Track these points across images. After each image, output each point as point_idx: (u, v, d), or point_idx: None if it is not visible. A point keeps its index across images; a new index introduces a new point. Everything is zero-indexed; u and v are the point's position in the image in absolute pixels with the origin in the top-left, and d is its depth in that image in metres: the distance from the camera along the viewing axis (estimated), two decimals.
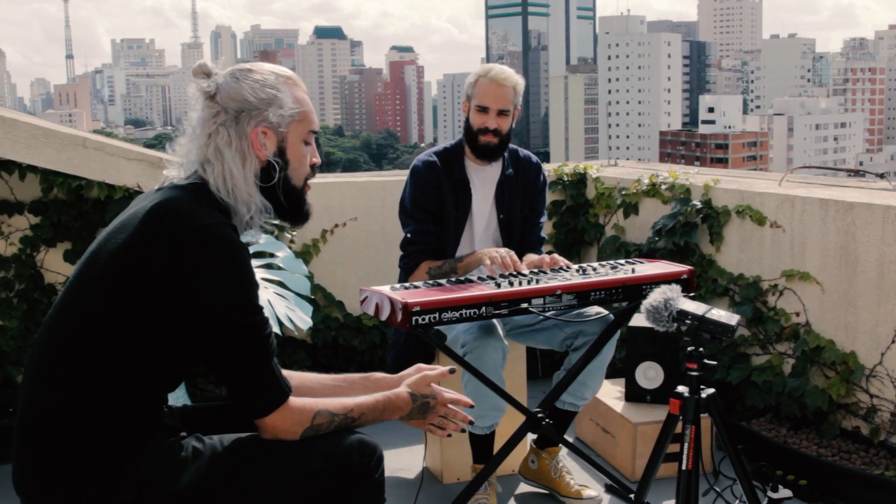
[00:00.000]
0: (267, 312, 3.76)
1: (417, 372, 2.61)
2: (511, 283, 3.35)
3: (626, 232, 5.45)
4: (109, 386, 2.18)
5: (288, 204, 2.41)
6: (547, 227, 5.79)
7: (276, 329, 3.77)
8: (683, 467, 2.63)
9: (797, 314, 4.41)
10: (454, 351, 3.58)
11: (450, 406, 2.57)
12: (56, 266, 4.74)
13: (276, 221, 2.46)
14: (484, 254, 3.70)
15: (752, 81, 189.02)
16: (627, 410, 4.29)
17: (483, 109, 3.91)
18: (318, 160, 2.49)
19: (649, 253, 5.10)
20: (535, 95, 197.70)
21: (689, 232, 4.87)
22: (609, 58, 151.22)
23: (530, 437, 4.07)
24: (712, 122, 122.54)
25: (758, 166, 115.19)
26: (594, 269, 3.58)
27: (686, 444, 2.63)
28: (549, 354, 4.95)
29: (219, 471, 2.26)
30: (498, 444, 3.75)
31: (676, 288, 2.74)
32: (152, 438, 2.25)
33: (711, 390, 2.71)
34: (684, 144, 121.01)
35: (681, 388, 2.71)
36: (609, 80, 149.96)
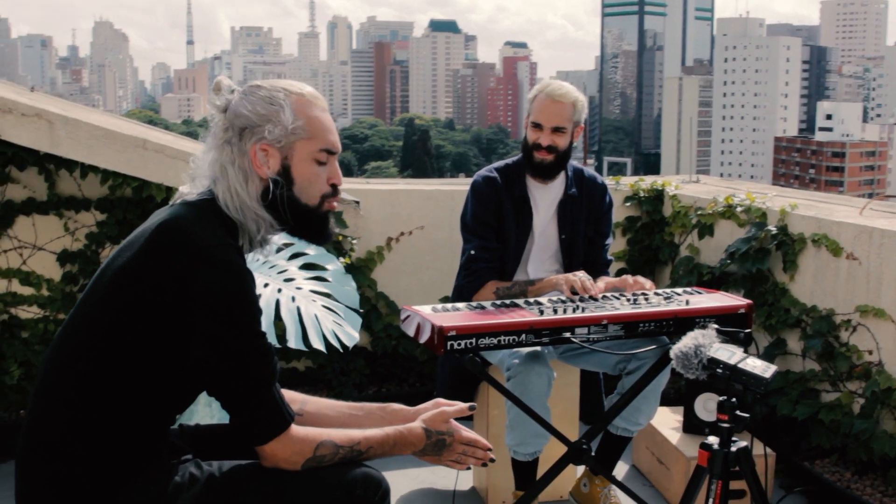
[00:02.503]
0: (312, 328, 3.71)
1: (435, 407, 2.51)
2: (555, 311, 3.24)
3: (701, 253, 5.26)
4: (111, 408, 2.14)
5: (296, 223, 2.34)
6: (620, 244, 5.64)
7: (320, 346, 3.71)
8: None
9: (870, 352, 4.19)
10: (495, 378, 3.48)
11: (467, 446, 2.47)
12: None
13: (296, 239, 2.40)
14: (560, 278, 3.60)
15: (874, 89, 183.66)
16: (683, 442, 4.13)
17: (537, 126, 3.81)
18: (339, 180, 2.39)
19: (722, 277, 4.91)
20: (648, 96, 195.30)
21: (763, 258, 4.67)
22: (726, 60, 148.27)
23: None
24: (830, 129, 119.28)
25: (875, 177, 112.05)
26: (646, 299, 3.45)
27: (711, 501, 2.48)
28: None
29: (215, 499, 2.21)
30: (544, 468, 3.64)
31: (710, 333, 2.59)
32: (153, 462, 2.21)
33: (744, 444, 2.55)
34: (799, 151, 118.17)
35: (711, 439, 2.57)
36: (725, 83, 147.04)
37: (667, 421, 4.36)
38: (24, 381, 4.63)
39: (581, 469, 4.06)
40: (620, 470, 4.40)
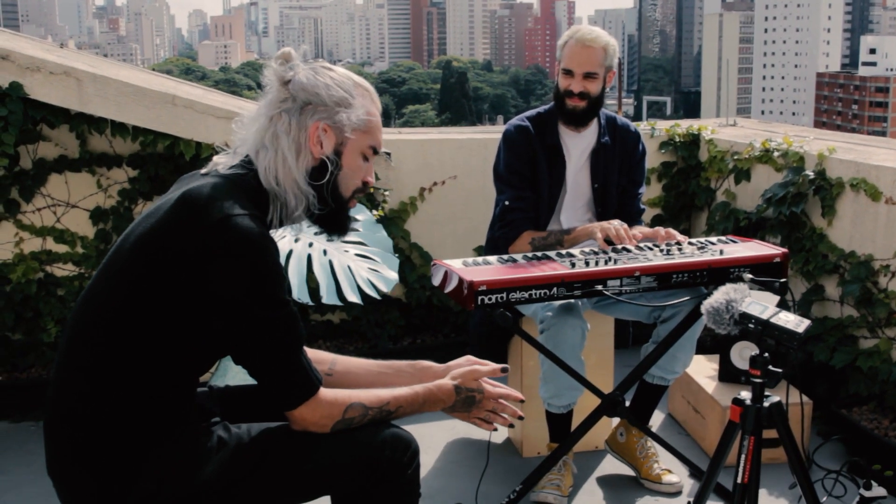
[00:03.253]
0: (346, 281, 3.71)
1: (468, 363, 2.50)
2: (587, 263, 3.22)
3: (738, 198, 5.19)
4: (132, 375, 2.15)
5: (329, 209, 2.34)
6: (656, 190, 5.58)
7: (356, 299, 3.71)
8: (739, 480, 2.46)
9: None
10: (527, 331, 3.47)
11: (499, 401, 2.46)
12: None
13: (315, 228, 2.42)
14: (595, 226, 3.57)
15: None
16: (719, 391, 4.10)
17: (568, 72, 3.75)
18: (371, 179, 2.41)
19: (758, 223, 4.85)
20: (688, 34, 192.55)
21: (800, 203, 4.59)
22: None
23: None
24: (873, 63, 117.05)
25: None
26: (679, 249, 3.41)
27: (743, 457, 2.45)
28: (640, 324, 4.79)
29: (244, 463, 2.22)
30: (579, 419, 3.63)
31: (743, 288, 2.55)
32: (178, 427, 2.21)
33: (777, 399, 2.52)
34: (842, 87, 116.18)
35: (744, 394, 2.54)
36: (766, 19, 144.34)
37: (702, 369, 4.33)
38: (61, 339, 4.67)
39: (617, 419, 4.05)
40: (656, 419, 4.38)
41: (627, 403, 3.63)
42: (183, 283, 2.09)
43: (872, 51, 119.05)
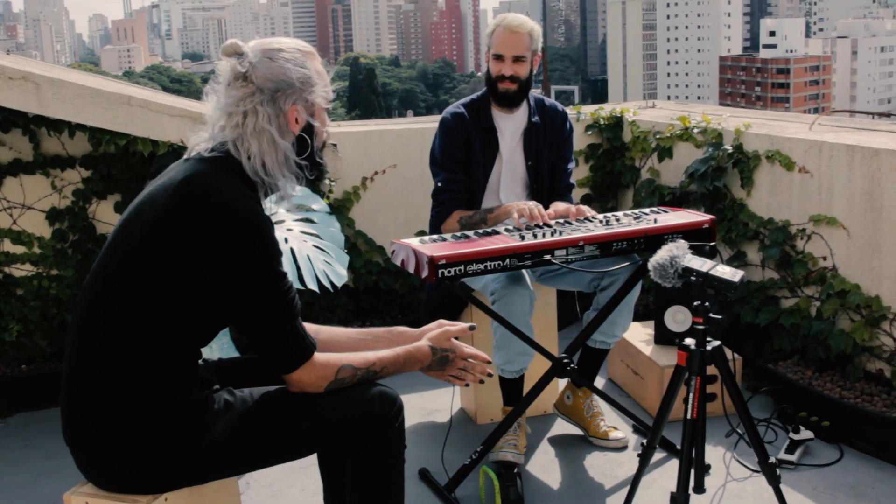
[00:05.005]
0: (306, 269, 3.93)
1: (439, 327, 2.75)
2: (535, 236, 3.48)
3: (661, 175, 5.52)
4: (145, 345, 2.35)
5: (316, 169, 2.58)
6: (584, 171, 5.88)
7: (314, 287, 3.93)
8: (688, 416, 2.75)
9: (824, 258, 4.48)
10: (482, 301, 3.72)
11: (468, 360, 2.71)
12: (107, 217, 4.94)
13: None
14: (512, 206, 3.81)
15: (815, 3, 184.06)
16: (656, 353, 4.41)
17: (499, 57, 4.02)
18: (329, 125, 2.65)
19: (682, 196, 5.17)
20: (592, 22, 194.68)
21: (721, 176, 4.93)
22: None
23: None
24: (774, 46, 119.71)
25: (820, 92, 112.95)
26: (617, 220, 3.69)
27: (691, 395, 2.75)
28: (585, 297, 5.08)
29: (249, 422, 2.44)
30: (529, 386, 3.90)
31: (683, 245, 2.85)
32: (187, 393, 2.43)
33: (717, 343, 2.82)
34: (745, 70, 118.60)
35: (688, 341, 2.83)
36: (668, 5, 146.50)
37: (639, 335, 4.64)
38: (22, 337, 4.81)
39: (563, 383, 4.33)
40: (597, 384, 4.67)
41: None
42: (190, 263, 2.31)
43: (772, 33, 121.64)
